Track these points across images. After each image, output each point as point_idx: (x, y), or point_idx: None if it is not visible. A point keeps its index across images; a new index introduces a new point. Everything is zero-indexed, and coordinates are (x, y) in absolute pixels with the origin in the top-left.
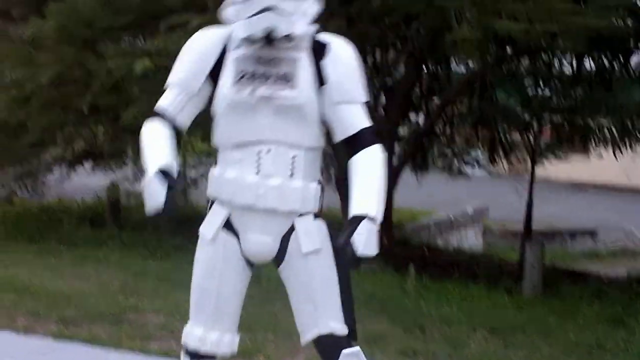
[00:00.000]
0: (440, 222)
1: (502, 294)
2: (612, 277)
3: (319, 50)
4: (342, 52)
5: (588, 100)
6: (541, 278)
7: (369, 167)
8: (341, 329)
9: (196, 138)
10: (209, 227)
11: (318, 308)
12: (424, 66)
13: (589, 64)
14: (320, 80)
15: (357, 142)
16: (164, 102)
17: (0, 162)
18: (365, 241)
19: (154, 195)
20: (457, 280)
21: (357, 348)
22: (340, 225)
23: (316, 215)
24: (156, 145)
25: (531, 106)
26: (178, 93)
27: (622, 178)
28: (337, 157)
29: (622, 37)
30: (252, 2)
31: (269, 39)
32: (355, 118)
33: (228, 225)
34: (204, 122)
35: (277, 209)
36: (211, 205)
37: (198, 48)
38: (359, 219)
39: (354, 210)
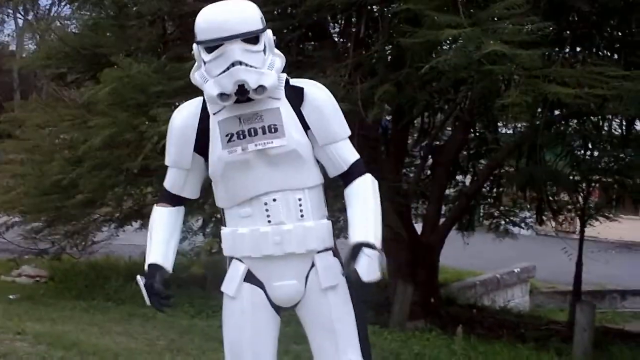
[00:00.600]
0: (486, 282)
1: (552, 356)
2: None
3: (295, 96)
4: (317, 95)
5: (638, 162)
6: (592, 340)
7: (363, 196)
8: None
9: None
10: (231, 284)
11: (339, 343)
12: (471, 129)
13: (639, 125)
14: (304, 124)
15: (349, 175)
16: (167, 184)
17: (51, 220)
18: (368, 268)
19: (143, 294)
20: (505, 340)
21: None
22: None
23: (333, 252)
24: (154, 240)
25: (580, 168)
26: (175, 173)
27: None
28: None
29: None
30: (218, 61)
31: (241, 93)
32: (344, 154)
33: (251, 278)
34: None
35: (295, 252)
36: (230, 263)
37: (177, 127)
38: (359, 247)
39: (355, 237)
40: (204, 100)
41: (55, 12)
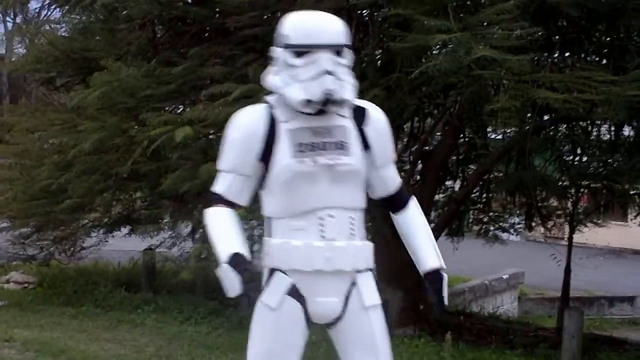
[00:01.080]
0: (475, 288)
1: None
2: None
3: (359, 116)
4: (379, 118)
5: (627, 167)
6: (580, 346)
7: (421, 221)
8: None
9: None
10: (273, 296)
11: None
12: (461, 134)
13: (627, 130)
14: (364, 145)
15: (398, 198)
16: (221, 189)
17: (40, 226)
18: (446, 292)
19: (231, 283)
20: (494, 347)
21: None
22: None
23: (372, 273)
24: (224, 231)
25: (569, 173)
26: (233, 179)
27: None
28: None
29: None
30: (309, 67)
31: (325, 102)
32: (393, 177)
33: (293, 292)
34: None
35: (344, 270)
36: (270, 274)
37: (242, 132)
38: (436, 274)
39: (430, 264)
40: (268, 107)
41: (45, 15)
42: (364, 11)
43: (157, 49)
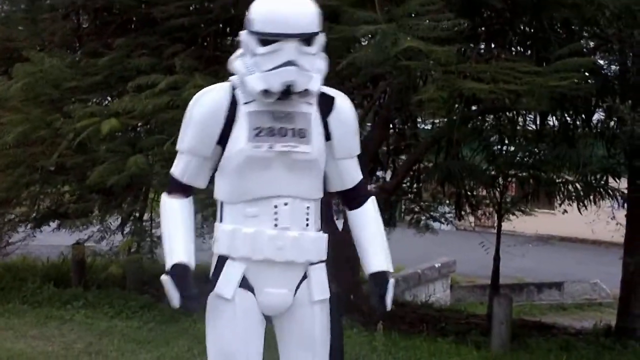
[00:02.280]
0: (407, 277)
1: (471, 349)
2: (579, 330)
3: (325, 105)
4: (346, 108)
5: (552, 157)
6: (509, 332)
7: (375, 222)
8: None
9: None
10: (227, 286)
11: (316, 357)
12: (390, 124)
13: (552, 121)
14: (326, 135)
15: (355, 194)
16: (177, 172)
17: None
18: (391, 297)
19: (171, 295)
20: (426, 335)
21: None
22: None
23: (326, 266)
24: (172, 233)
25: (496, 162)
26: (189, 160)
27: (586, 231)
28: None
29: (584, 95)
30: (271, 56)
31: (285, 93)
32: (353, 171)
33: (243, 282)
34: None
35: (295, 261)
36: (218, 263)
37: (204, 112)
38: (382, 277)
39: (376, 266)
40: (231, 87)
41: None
42: None
43: (82, 39)
